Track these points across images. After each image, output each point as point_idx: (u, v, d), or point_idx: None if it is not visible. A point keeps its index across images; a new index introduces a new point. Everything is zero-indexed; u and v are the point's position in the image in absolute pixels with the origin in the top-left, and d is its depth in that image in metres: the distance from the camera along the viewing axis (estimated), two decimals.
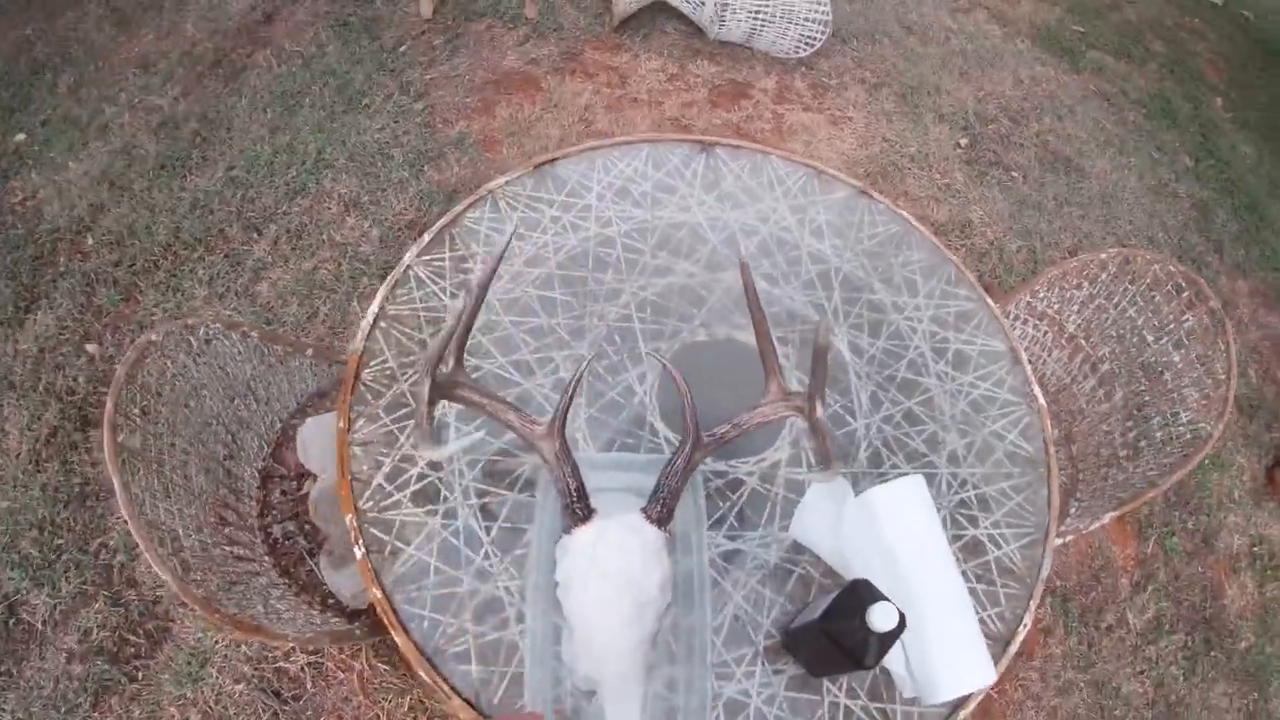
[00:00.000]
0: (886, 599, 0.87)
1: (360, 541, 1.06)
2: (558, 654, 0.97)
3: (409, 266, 1.28)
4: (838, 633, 0.90)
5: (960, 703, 1.04)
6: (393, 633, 1.01)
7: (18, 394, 1.96)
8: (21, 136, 2.41)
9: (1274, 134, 3.73)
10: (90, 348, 2.04)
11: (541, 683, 0.93)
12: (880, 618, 0.85)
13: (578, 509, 0.90)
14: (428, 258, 1.29)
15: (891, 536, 1.03)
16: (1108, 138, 3.18)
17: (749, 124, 2.82)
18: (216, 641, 1.72)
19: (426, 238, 1.31)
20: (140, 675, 1.69)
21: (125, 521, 1.10)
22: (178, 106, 2.56)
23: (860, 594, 0.90)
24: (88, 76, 2.62)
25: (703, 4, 2.85)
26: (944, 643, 1.01)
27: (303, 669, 1.73)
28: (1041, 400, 1.28)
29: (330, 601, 1.41)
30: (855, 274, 1.38)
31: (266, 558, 1.42)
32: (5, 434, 1.90)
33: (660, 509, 0.91)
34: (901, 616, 0.86)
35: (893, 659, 1.01)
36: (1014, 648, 1.09)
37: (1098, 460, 1.59)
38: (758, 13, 2.83)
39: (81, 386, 1.98)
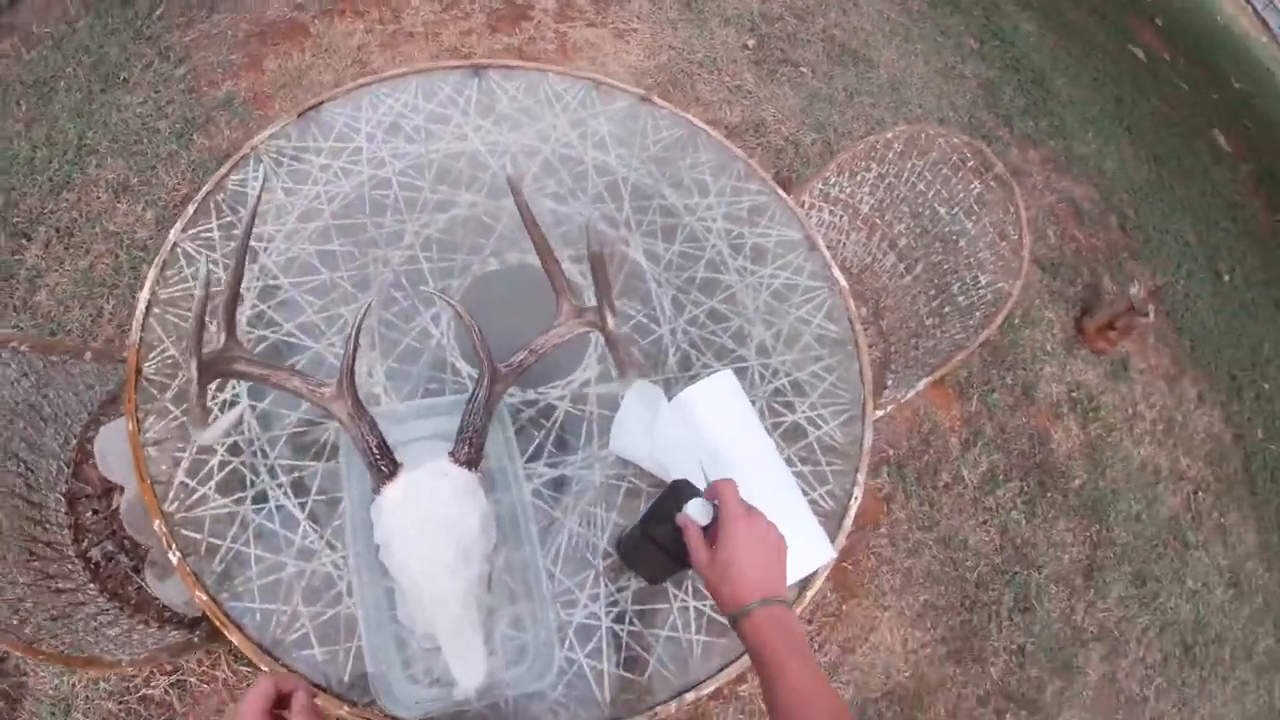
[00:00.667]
0: (700, 493, 0.88)
1: (174, 546, 0.98)
2: (394, 617, 0.94)
3: (175, 244, 1.17)
4: (661, 536, 0.89)
5: (805, 583, 1.08)
6: (226, 633, 0.95)
7: None
8: None
9: (1054, 12, 3.98)
10: None
11: (383, 650, 0.90)
12: (697, 513, 0.85)
13: (382, 466, 0.87)
14: (194, 231, 1.18)
15: (709, 434, 1.05)
16: (893, 27, 3.30)
17: (532, 46, 2.74)
18: (74, 685, 1.60)
19: (191, 209, 1.19)
20: None
21: None
22: None
23: (680, 493, 0.89)
24: None
25: None
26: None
27: (167, 691, 1.64)
28: (842, 282, 1.31)
29: (168, 614, 1.33)
30: (643, 182, 1.37)
31: (91, 585, 1.32)
32: None
33: (468, 449, 0.89)
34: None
35: None
36: (848, 521, 1.13)
37: (907, 332, 1.67)
38: None
39: None
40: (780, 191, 1.37)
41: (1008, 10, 3.80)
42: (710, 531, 0.86)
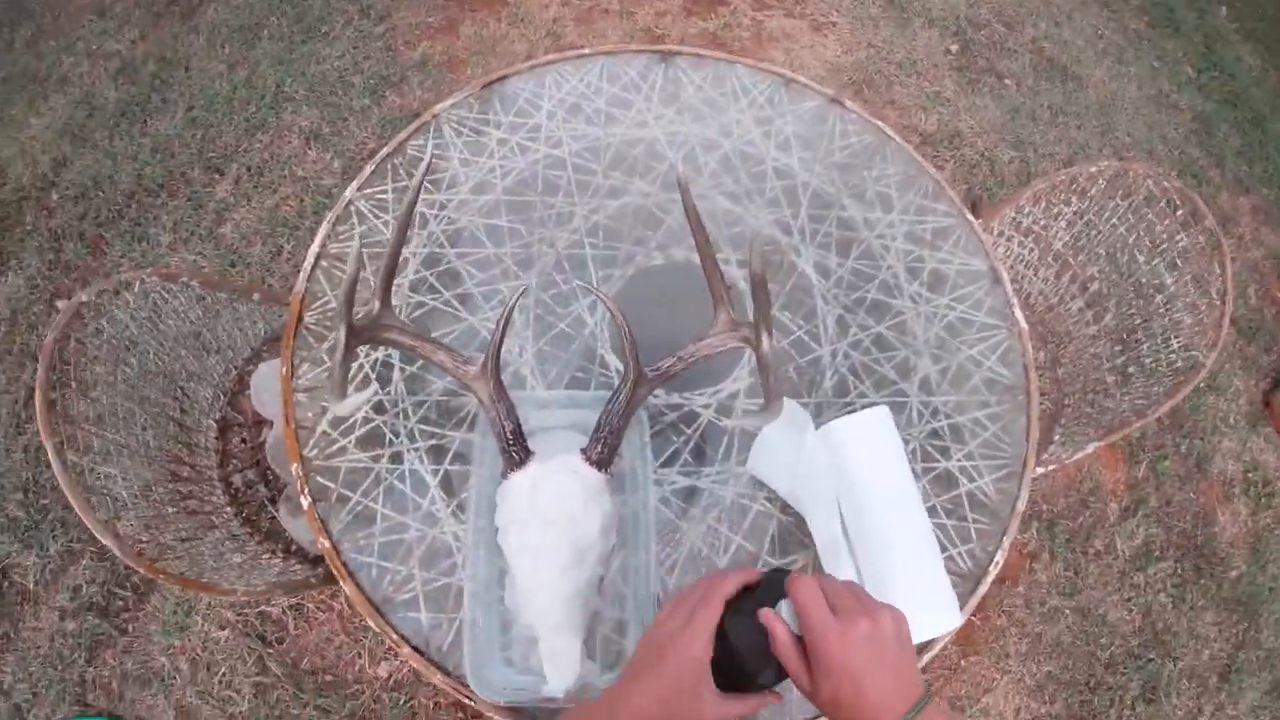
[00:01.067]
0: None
1: (306, 490, 1.01)
2: (502, 599, 0.93)
3: (350, 201, 1.20)
4: (738, 635, 0.67)
5: (924, 646, 1.00)
6: (341, 582, 0.97)
7: None
8: None
9: (1278, 44, 3.57)
10: (61, 304, 2.00)
11: (485, 629, 0.89)
12: (790, 616, 0.65)
13: (514, 452, 0.85)
14: (369, 191, 1.21)
15: (853, 471, 0.97)
16: (1106, 46, 3.03)
17: (726, 32, 2.69)
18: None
19: (368, 169, 1.22)
20: (130, 627, 1.72)
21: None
22: (135, 50, 2.45)
23: (775, 587, 0.68)
24: (45, 28, 2.51)
25: None
26: (907, 585, 0.93)
27: (284, 612, 1.75)
28: (1023, 323, 1.20)
29: (294, 548, 1.39)
30: (824, 189, 1.29)
31: (228, 508, 1.40)
32: None
33: (601, 450, 0.86)
34: None
35: None
36: (983, 588, 1.03)
37: (1084, 386, 1.53)
38: None
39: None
40: (969, 216, 1.27)
41: (1230, 39, 3.43)
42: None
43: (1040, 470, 1.28)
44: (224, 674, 1.68)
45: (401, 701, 1.68)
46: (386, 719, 1.67)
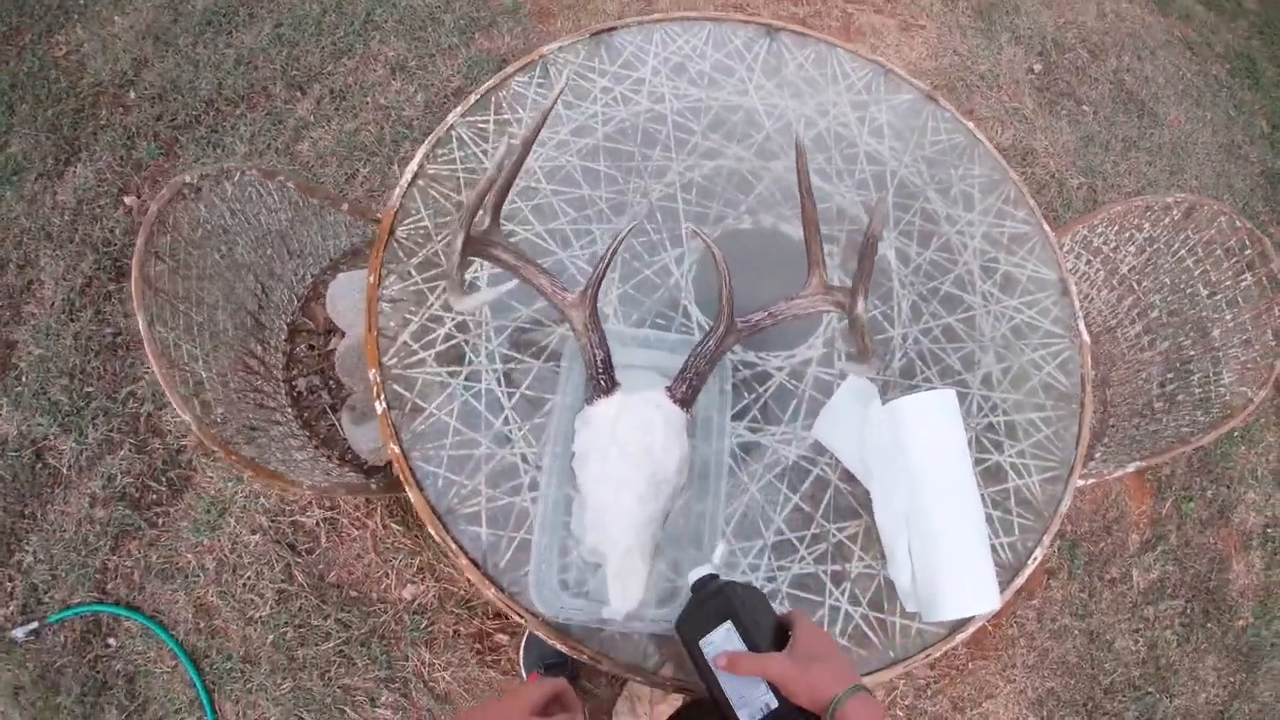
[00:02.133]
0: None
1: (382, 397, 1.05)
2: (566, 524, 0.97)
3: (452, 126, 1.24)
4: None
5: (959, 625, 1.04)
6: (408, 489, 1.01)
7: (54, 244, 1.96)
8: None
9: None
10: (128, 200, 2.03)
11: (547, 550, 0.93)
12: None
13: (602, 380, 0.89)
14: (471, 119, 1.25)
15: (914, 447, 1.01)
16: (1186, 87, 3.02)
17: (816, 20, 2.69)
18: (236, 493, 1.76)
19: (472, 98, 1.26)
20: (160, 522, 1.74)
21: (154, 371, 1.09)
22: None
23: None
24: None
25: None
26: (953, 562, 0.98)
27: (318, 524, 1.77)
28: (1086, 336, 1.23)
29: (349, 456, 1.43)
30: (911, 180, 1.32)
31: (289, 409, 1.43)
32: (41, 283, 1.91)
33: (685, 389, 0.90)
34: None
35: (899, 570, 1.00)
36: (1020, 579, 1.07)
37: (1131, 408, 1.55)
38: None
39: (118, 238, 1.97)
40: (1046, 227, 1.30)
41: None
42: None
43: (1081, 482, 1.31)
44: (249, 577, 1.71)
45: (422, 625, 1.72)
46: (405, 640, 1.70)
